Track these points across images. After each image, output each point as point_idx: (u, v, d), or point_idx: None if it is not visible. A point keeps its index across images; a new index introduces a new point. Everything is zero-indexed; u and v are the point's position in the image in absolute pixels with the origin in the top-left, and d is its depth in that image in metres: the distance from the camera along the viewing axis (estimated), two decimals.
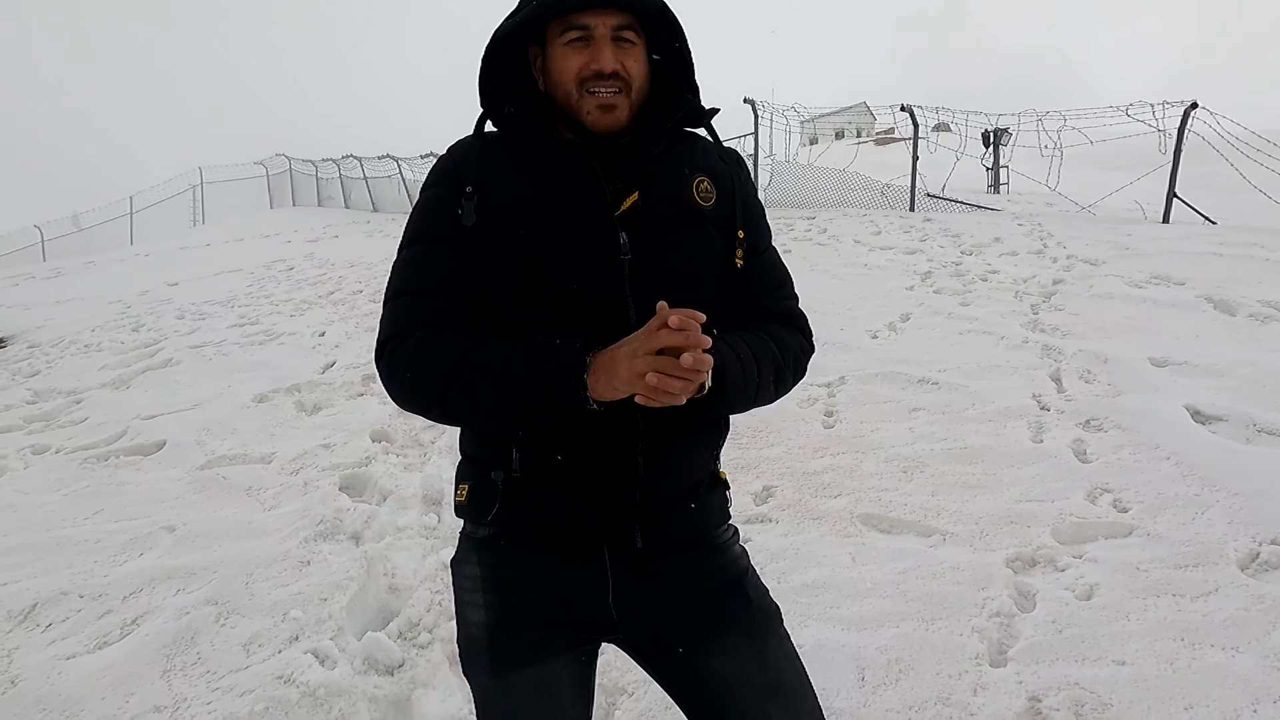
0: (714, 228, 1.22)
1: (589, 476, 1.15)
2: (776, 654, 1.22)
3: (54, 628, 2.62)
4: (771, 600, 1.27)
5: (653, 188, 1.18)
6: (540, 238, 1.14)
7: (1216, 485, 3.01)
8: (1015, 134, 14.34)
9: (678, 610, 1.20)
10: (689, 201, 1.20)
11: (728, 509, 1.29)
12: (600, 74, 1.12)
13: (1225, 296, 5.46)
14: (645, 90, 1.18)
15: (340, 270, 10.99)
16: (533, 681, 1.19)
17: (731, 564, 1.26)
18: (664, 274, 1.15)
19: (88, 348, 7.21)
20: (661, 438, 1.16)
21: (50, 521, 3.44)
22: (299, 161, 27.08)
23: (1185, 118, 10.13)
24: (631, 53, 1.15)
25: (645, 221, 1.16)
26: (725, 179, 1.25)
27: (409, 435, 4.21)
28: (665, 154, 1.21)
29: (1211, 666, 2.12)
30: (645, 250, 1.15)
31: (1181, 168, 9.93)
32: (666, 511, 1.18)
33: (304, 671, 2.28)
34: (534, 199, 1.15)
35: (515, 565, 1.20)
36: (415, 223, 1.22)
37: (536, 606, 1.19)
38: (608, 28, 1.13)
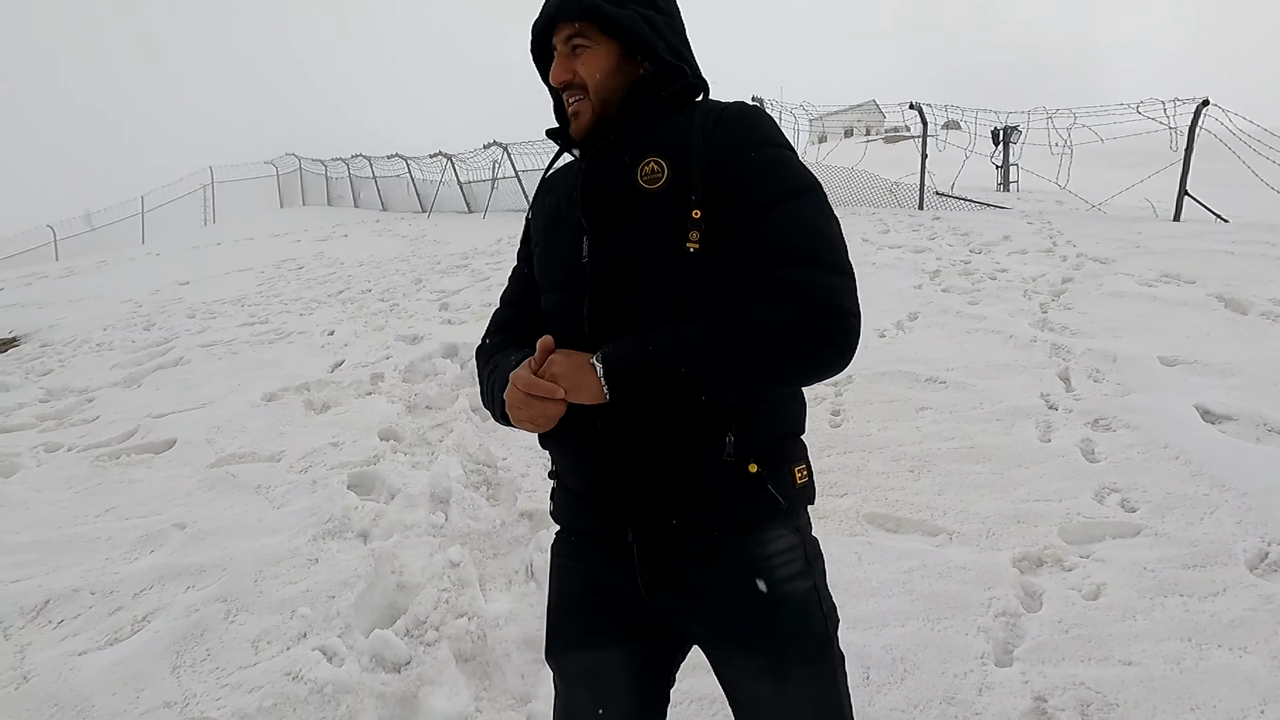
0: (665, 208, 1.11)
1: (577, 474, 1.24)
2: (800, 694, 1.13)
3: (66, 624, 2.65)
4: (819, 631, 1.15)
5: (594, 182, 1.19)
6: (539, 250, 1.29)
7: (1226, 485, 2.99)
8: (1025, 131, 14.26)
9: (700, 618, 1.16)
10: (632, 188, 1.13)
11: (766, 508, 1.14)
12: (558, 88, 1.22)
13: (1237, 295, 5.43)
14: (615, 85, 1.20)
15: (349, 269, 11.04)
16: (582, 667, 1.23)
17: (770, 587, 1.13)
18: (616, 272, 1.13)
19: (99, 346, 7.27)
20: (623, 434, 1.12)
21: (62, 519, 3.47)
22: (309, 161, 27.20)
23: (1197, 115, 10.05)
24: (584, 56, 1.19)
25: (594, 219, 1.17)
26: (686, 148, 1.11)
27: (417, 434, 4.23)
28: (619, 144, 1.19)
29: (1219, 667, 2.11)
30: (598, 250, 1.16)
31: (1193, 165, 9.86)
32: (654, 505, 1.14)
33: (312, 668, 2.29)
34: (550, 214, 1.27)
35: (570, 555, 1.28)
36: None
37: (584, 592, 1.25)
38: (563, 43, 1.20)
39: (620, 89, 1.20)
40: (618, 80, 1.20)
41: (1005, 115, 14.36)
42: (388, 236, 15.18)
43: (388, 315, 7.31)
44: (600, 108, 1.20)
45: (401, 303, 7.88)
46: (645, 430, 1.12)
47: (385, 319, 7.13)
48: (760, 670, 1.14)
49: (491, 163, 17.55)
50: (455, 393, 4.83)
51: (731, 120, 1.14)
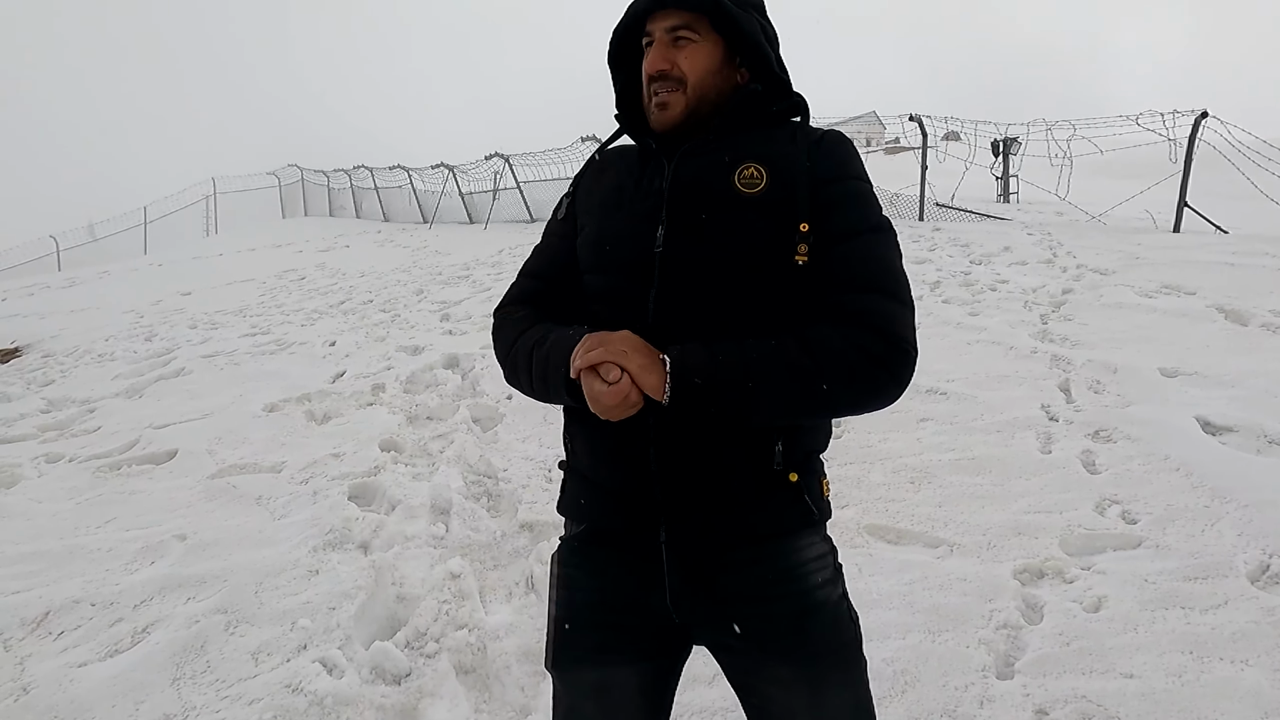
0: (762, 215, 1.13)
1: (611, 467, 1.18)
2: (836, 702, 1.15)
3: (66, 635, 2.65)
4: (850, 638, 1.18)
5: (684, 177, 1.18)
6: (596, 232, 1.23)
7: (1227, 497, 2.99)
8: (1025, 143, 14.30)
9: (735, 627, 1.15)
10: (728, 189, 1.14)
11: (803, 517, 1.16)
12: (653, 76, 1.19)
13: (1237, 306, 5.43)
14: (714, 84, 1.19)
15: (351, 280, 11.07)
16: (592, 683, 1.21)
17: (805, 594, 1.15)
18: (695, 266, 1.13)
19: (101, 357, 7.28)
20: (677, 433, 1.12)
21: (63, 530, 3.47)
22: (311, 171, 27.30)
23: (1196, 126, 10.09)
24: (688, 50, 1.17)
25: (679, 214, 1.16)
26: (786, 163, 1.15)
27: (418, 445, 4.23)
28: (714, 144, 1.19)
29: (1221, 680, 2.11)
30: (677, 242, 1.14)
31: (1192, 176, 9.89)
32: (695, 508, 1.13)
33: (312, 680, 2.29)
34: (611, 197, 1.25)
35: (583, 565, 1.24)
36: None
37: (600, 606, 1.21)
38: (664, 30, 1.18)
39: (717, 90, 1.20)
40: (716, 81, 1.20)
41: (1005, 127, 14.41)
42: (389, 247, 15.22)
43: (389, 326, 7.32)
44: (694, 103, 1.18)
45: (403, 313, 7.89)
46: (697, 427, 1.10)
47: (386, 330, 7.14)
48: (795, 679, 1.14)
49: (493, 174, 17.63)
50: (456, 404, 4.84)
51: (834, 146, 1.19)
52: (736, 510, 1.14)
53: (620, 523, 1.18)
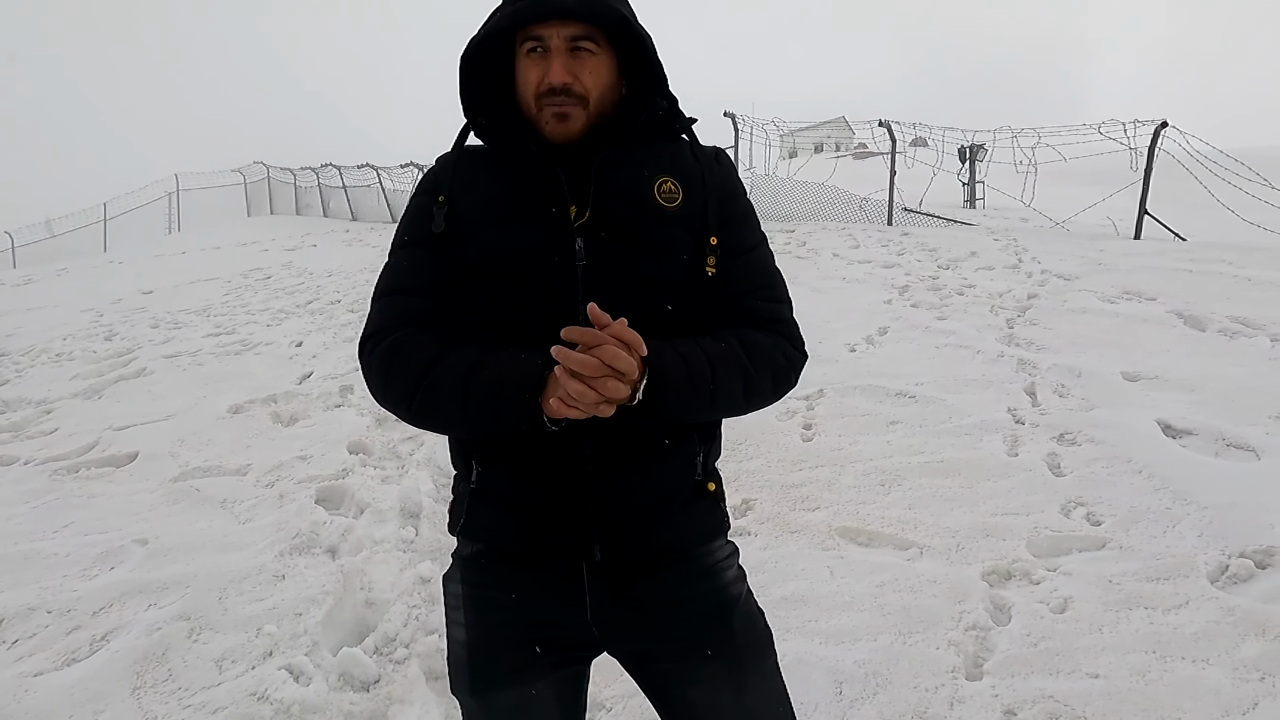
0: (681, 229, 1.17)
1: (539, 486, 1.13)
2: (756, 693, 1.19)
3: (21, 644, 2.57)
4: (763, 629, 1.23)
5: (608, 190, 1.15)
6: (498, 244, 1.15)
7: (1187, 499, 3.06)
8: (991, 150, 14.54)
9: (658, 632, 1.17)
10: (650, 202, 1.16)
11: (719, 523, 1.22)
12: (552, 88, 1.12)
13: (1195, 312, 5.57)
14: (610, 99, 1.16)
15: (318, 279, 10.92)
16: (512, 703, 1.18)
17: (720, 590, 1.19)
18: (621, 279, 1.13)
19: (59, 357, 7.09)
20: (612, 447, 1.11)
21: (18, 534, 3.37)
22: (277, 169, 26.90)
23: (1156, 136, 10.33)
24: (588, 63, 1.13)
25: (601, 225, 1.14)
26: (695, 179, 1.20)
27: (386, 447, 4.18)
28: (626, 157, 1.18)
29: (1183, 679, 2.15)
30: (602, 255, 1.13)
31: (1152, 185, 10.12)
32: (629, 523, 1.14)
33: (278, 688, 2.25)
34: (498, 206, 1.17)
35: (495, 584, 1.19)
36: (401, 228, 1.24)
37: (515, 625, 1.17)
38: (562, 39, 1.12)
39: (610, 103, 1.17)
40: (612, 95, 1.17)
41: (972, 134, 14.63)
42: (358, 246, 15.04)
43: (357, 326, 7.22)
44: (595, 118, 1.15)
45: None
46: (630, 445, 1.12)
47: (355, 330, 7.05)
48: (719, 675, 1.17)
49: None
50: None
51: (728, 164, 1.26)
52: (667, 522, 1.16)
53: (548, 542, 1.15)
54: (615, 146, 1.17)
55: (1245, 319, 5.36)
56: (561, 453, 1.11)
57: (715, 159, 1.24)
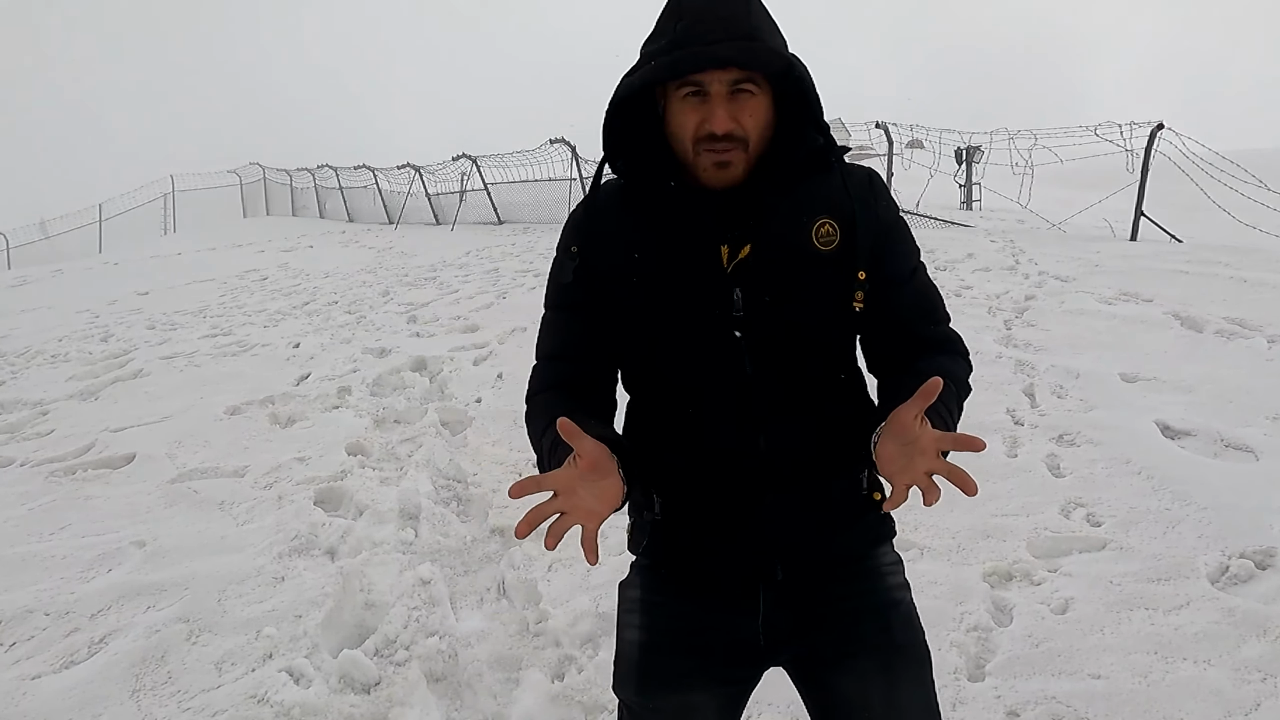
0: (834, 270, 1.16)
1: (721, 517, 1.18)
2: (909, 696, 1.19)
3: (18, 646, 2.56)
4: (923, 643, 1.23)
5: (768, 236, 1.14)
6: (651, 295, 1.16)
7: (1187, 500, 3.06)
8: (987, 152, 14.57)
9: (819, 626, 1.20)
10: (808, 248, 1.15)
11: (887, 531, 1.27)
12: (714, 135, 1.09)
13: (1192, 313, 5.58)
14: (767, 136, 1.13)
15: (315, 280, 10.90)
16: (676, 707, 1.22)
17: (882, 591, 1.23)
18: (783, 328, 1.14)
19: (54, 358, 7.07)
20: (789, 473, 1.16)
21: (15, 537, 3.35)
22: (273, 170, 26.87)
23: (1152, 138, 10.37)
24: (748, 105, 1.09)
25: (759, 273, 1.13)
26: (848, 215, 1.17)
27: (385, 449, 4.17)
28: (783, 198, 1.15)
29: (1185, 680, 2.15)
30: (760, 303, 1.13)
31: (1148, 187, 10.15)
32: (806, 543, 1.19)
33: (278, 690, 2.24)
34: (645, 255, 1.16)
35: (671, 592, 1.24)
36: (548, 286, 1.27)
37: (687, 633, 1.22)
38: (724, 84, 1.08)
39: (766, 141, 1.13)
40: (768, 133, 1.13)
41: (969, 135, 14.67)
42: (354, 248, 15.02)
43: (354, 328, 7.21)
44: (754, 161, 1.12)
45: (369, 315, 7.79)
46: (805, 469, 1.17)
47: (352, 331, 7.04)
48: (874, 671, 1.18)
49: (460, 175, 17.50)
50: (424, 406, 4.78)
51: (882, 189, 1.23)
52: (841, 536, 1.21)
53: (730, 567, 1.20)
54: (774, 190, 1.14)
55: (1242, 320, 5.37)
56: (740, 483, 1.16)
57: (869, 185, 1.21)
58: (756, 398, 1.14)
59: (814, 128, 1.16)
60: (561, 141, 15.24)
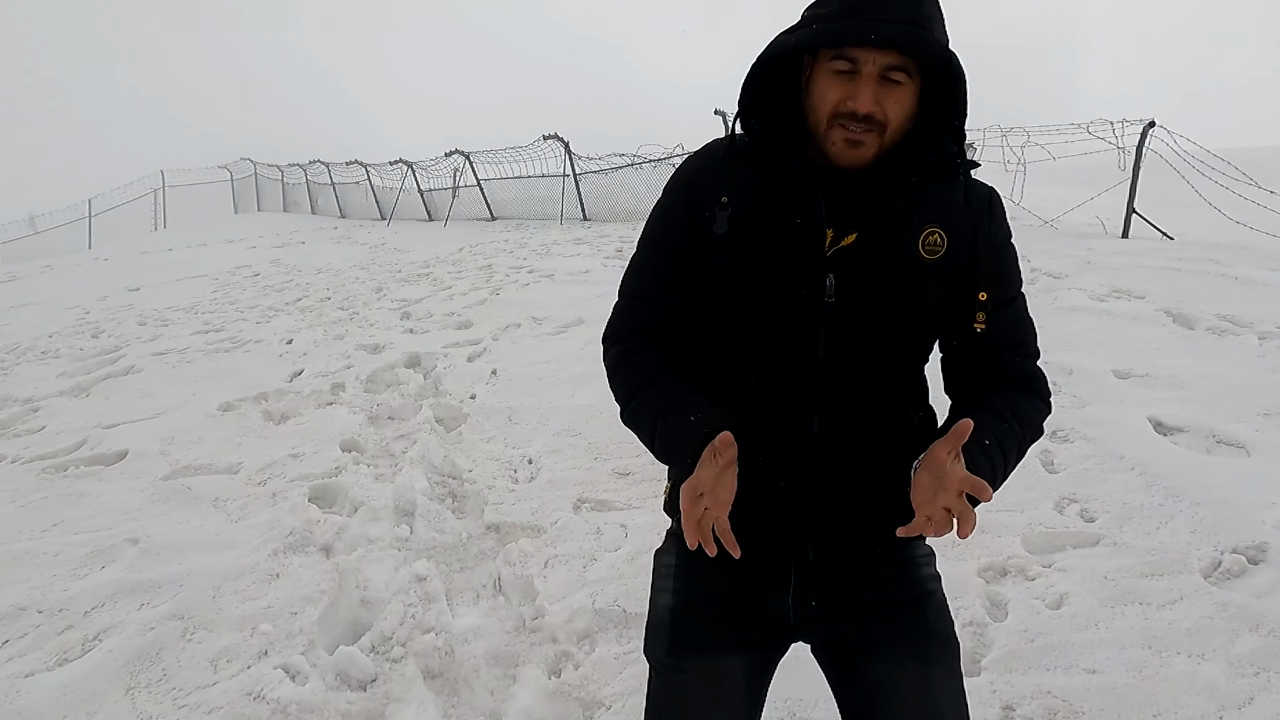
0: (936, 281, 1.16)
1: (764, 495, 1.19)
2: (942, 683, 1.20)
3: (11, 644, 2.54)
4: (954, 635, 1.25)
5: (876, 232, 1.12)
6: (746, 260, 1.15)
7: (1180, 495, 3.08)
8: (980, 149, 14.61)
9: (854, 615, 1.22)
10: (913, 253, 1.14)
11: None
12: (854, 114, 1.07)
13: (1184, 310, 5.61)
14: (904, 129, 1.11)
15: (308, 276, 10.85)
16: (705, 670, 1.23)
17: (917, 582, 1.26)
18: (867, 323, 1.14)
19: (45, 354, 7.02)
20: (841, 458, 1.18)
21: (6, 534, 3.33)
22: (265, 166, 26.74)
23: (1144, 135, 10.41)
24: (895, 93, 1.07)
25: (858, 265, 1.12)
26: (964, 230, 1.17)
27: (380, 446, 4.16)
28: (900, 197, 1.14)
29: (1179, 674, 2.17)
30: (851, 295, 1.13)
31: (1140, 184, 10.19)
32: (842, 531, 1.20)
33: (274, 687, 2.23)
34: (751, 218, 1.15)
35: (705, 560, 1.22)
36: (651, 224, 1.25)
37: (719, 599, 1.24)
38: (877, 66, 1.05)
39: (903, 131, 1.11)
40: (907, 124, 1.11)
41: None
42: (346, 244, 14.97)
43: (348, 324, 7.19)
44: (888, 148, 1.10)
45: (362, 311, 7.76)
46: (851, 462, 1.19)
47: (345, 327, 7.01)
48: (909, 658, 1.20)
49: (453, 171, 17.45)
50: (419, 403, 4.76)
51: (1000, 211, 1.23)
52: (876, 526, 1.22)
53: (765, 542, 1.21)
54: (895, 186, 1.12)
55: (1233, 317, 5.40)
56: (787, 465, 1.18)
57: (989, 206, 1.20)
58: (821, 383, 1.16)
59: (952, 134, 1.14)
60: (554, 138, 15.21)
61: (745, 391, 1.18)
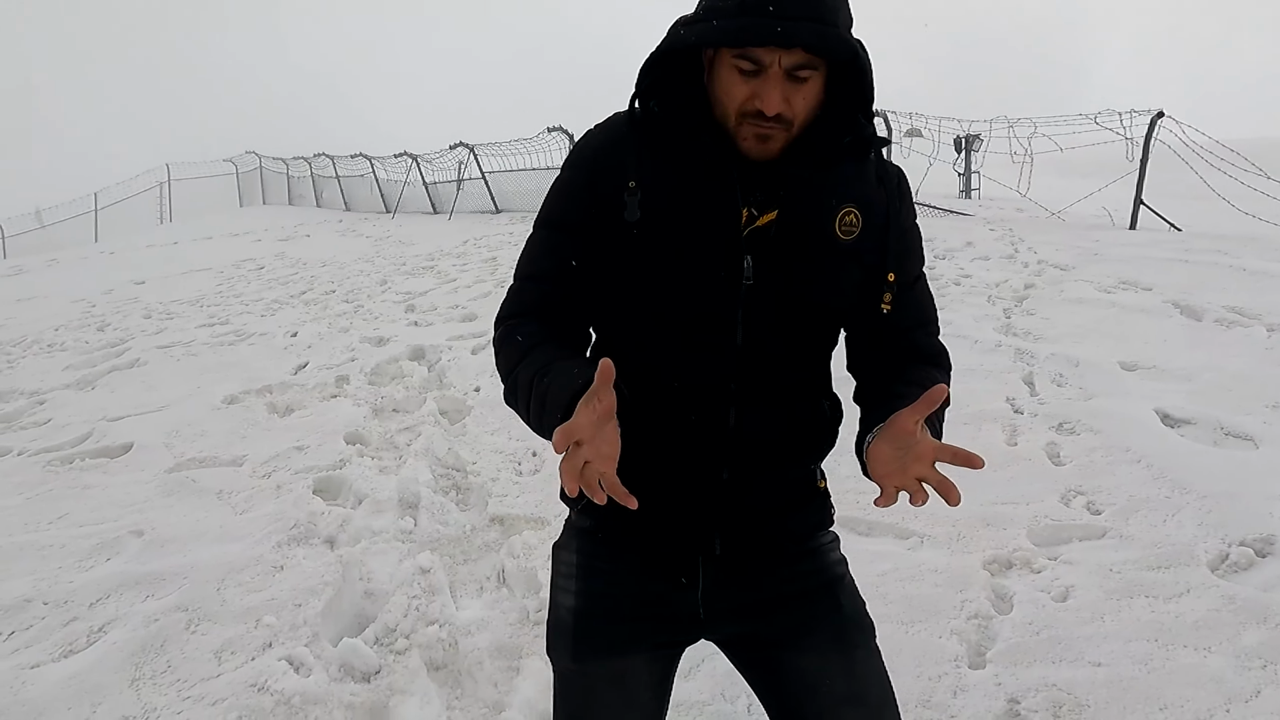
0: (854, 263, 1.15)
1: (672, 487, 1.16)
2: (864, 665, 1.20)
3: (16, 636, 2.55)
4: (866, 614, 1.25)
5: (792, 213, 1.11)
6: (659, 242, 1.10)
7: (1186, 488, 3.06)
8: (987, 140, 14.53)
9: (767, 611, 1.20)
10: (829, 233, 1.13)
11: (827, 516, 1.27)
12: (762, 113, 1.04)
13: (1191, 302, 5.57)
14: (813, 116, 1.09)
15: (312, 269, 10.86)
16: (612, 671, 1.21)
17: (826, 569, 1.25)
18: (785, 303, 1.12)
19: (51, 347, 7.05)
20: (752, 457, 1.16)
21: (12, 526, 3.34)
22: (269, 159, 26.76)
23: (1152, 126, 10.33)
24: (802, 90, 1.05)
25: (776, 245, 1.10)
26: (878, 210, 1.16)
27: (384, 438, 4.16)
28: (815, 178, 1.12)
29: (1185, 667, 2.16)
30: (769, 277, 1.11)
31: (1148, 175, 10.13)
32: (750, 524, 1.18)
33: (278, 679, 2.23)
34: (661, 199, 1.11)
35: (609, 557, 1.22)
36: (551, 202, 1.20)
37: (625, 598, 1.20)
38: (782, 66, 1.02)
39: (810, 120, 1.09)
40: (815, 114, 1.09)
41: (968, 124, 14.62)
42: (351, 237, 14.97)
43: (352, 317, 7.19)
44: (793, 141, 1.09)
45: (366, 304, 7.76)
46: (764, 455, 1.16)
47: (350, 320, 7.02)
48: (831, 645, 1.19)
49: (457, 164, 17.43)
50: (423, 395, 4.76)
51: (908, 191, 1.22)
52: (784, 521, 1.21)
53: (671, 534, 1.18)
54: (807, 168, 1.10)
55: (1241, 309, 5.36)
56: (701, 458, 1.14)
57: (898, 186, 1.20)
58: (738, 372, 1.13)
59: (862, 112, 1.11)
60: (559, 130, 15.16)
61: (658, 379, 1.13)
